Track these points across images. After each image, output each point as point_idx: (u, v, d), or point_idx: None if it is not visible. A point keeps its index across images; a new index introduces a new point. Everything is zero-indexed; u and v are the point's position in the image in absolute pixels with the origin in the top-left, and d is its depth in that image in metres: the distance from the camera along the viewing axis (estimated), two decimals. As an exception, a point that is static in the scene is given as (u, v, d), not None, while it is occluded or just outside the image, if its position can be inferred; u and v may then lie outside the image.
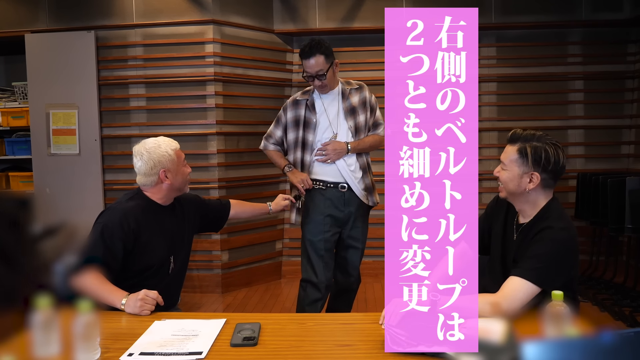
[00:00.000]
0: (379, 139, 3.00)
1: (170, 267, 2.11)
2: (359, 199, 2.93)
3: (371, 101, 2.98)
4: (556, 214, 1.73)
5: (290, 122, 2.93)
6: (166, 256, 2.10)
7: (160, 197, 2.11)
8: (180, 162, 2.14)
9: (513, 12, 4.60)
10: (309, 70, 2.78)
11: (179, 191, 2.16)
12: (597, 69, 4.68)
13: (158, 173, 2.06)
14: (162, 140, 2.14)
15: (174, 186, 2.11)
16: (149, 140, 2.13)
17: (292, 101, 2.96)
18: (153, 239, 2.04)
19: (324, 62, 2.76)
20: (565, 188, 4.65)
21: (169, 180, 2.08)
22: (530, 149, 1.73)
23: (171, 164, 2.09)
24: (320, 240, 2.88)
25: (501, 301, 1.60)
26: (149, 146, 2.09)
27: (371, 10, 4.67)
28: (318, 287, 2.87)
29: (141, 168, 2.07)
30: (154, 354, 1.44)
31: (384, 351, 1.43)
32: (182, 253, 2.19)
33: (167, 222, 2.12)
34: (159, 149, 2.08)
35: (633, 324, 3.39)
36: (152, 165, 2.06)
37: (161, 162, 2.07)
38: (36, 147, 4.38)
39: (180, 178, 2.13)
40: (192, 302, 4.18)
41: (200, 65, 4.31)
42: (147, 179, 2.07)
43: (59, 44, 4.30)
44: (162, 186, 2.09)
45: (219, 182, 4.35)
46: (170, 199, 2.15)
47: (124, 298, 1.80)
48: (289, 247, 4.88)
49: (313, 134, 2.88)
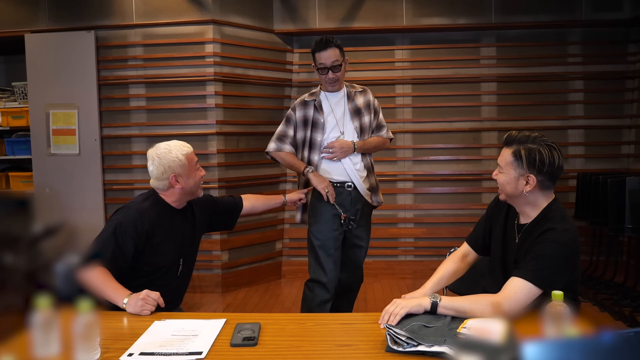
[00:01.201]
0: (383, 141, 3.05)
1: (180, 269, 2.16)
2: (364, 198, 2.95)
3: (374, 104, 3.03)
4: (558, 216, 1.73)
5: (299, 122, 2.95)
6: (176, 259, 2.14)
7: (173, 200, 2.14)
8: (192, 167, 2.13)
9: (513, 12, 4.61)
10: (325, 62, 2.81)
11: (192, 195, 2.18)
12: (597, 68, 4.68)
13: (169, 178, 2.08)
14: (174, 144, 2.13)
15: (186, 190, 2.13)
16: (161, 144, 2.14)
17: (301, 102, 2.98)
18: (165, 241, 2.08)
19: (339, 54, 2.83)
20: (565, 188, 4.65)
21: (180, 185, 2.10)
22: (525, 151, 1.72)
23: (182, 169, 2.09)
24: (330, 239, 2.89)
25: (502, 301, 1.60)
26: (160, 151, 2.10)
27: (371, 11, 4.68)
28: (327, 287, 2.88)
29: (153, 172, 2.10)
30: (154, 354, 1.44)
31: (384, 351, 1.43)
32: (190, 256, 2.25)
33: (179, 225, 2.16)
34: (169, 154, 2.09)
35: (633, 324, 3.39)
36: (162, 170, 2.07)
37: (171, 167, 2.08)
38: (36, 147, 4.38)
39: (192, 182, 2.13)
40: (192, 302, 4.18)
41: (200, 65, 4.31)
42: (159, 183, 2.10)
43: (58, 44, 4.30)
44: (174, 190, 2.11)
45: (219, 182, 4.35)
46: (183, 202, 2.18)
47: (126, 297, 1.82)
48: (289, 247, 4.88)
49: (321, 133, 2.90)
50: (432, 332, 1.49)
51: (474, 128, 4.76)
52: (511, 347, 1.28)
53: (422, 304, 1.62)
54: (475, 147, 4.77)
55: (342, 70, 2.85)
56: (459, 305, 1.61)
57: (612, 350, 0.91)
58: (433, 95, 4.78)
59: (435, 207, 4.81)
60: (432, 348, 1.39)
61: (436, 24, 4.65)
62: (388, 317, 1.59)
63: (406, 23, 4.66)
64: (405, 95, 4.80)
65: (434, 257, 4.66)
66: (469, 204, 4.76)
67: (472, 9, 4.63)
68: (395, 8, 4.67)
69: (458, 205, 4.78)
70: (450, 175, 4.79)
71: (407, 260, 4.83)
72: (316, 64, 2.87)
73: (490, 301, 1.61)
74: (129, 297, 1.82)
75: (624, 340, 0.92)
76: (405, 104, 4.81)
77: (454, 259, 2.00)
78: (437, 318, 1.59)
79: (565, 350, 0.91)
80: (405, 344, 1.42)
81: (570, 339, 1.01)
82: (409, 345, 1.41)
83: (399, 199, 4.83)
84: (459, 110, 4.77)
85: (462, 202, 4.77)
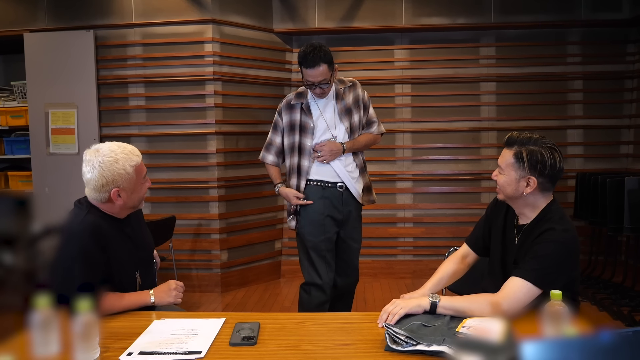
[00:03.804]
0: (373, 137, 2.99)
1: (137, 283, 1.93)
2: (355, 199, 2.93)
3: (364, 99, 2.94)
4: (557, 216, 1.73)
5: (286, 127, 2.90)
6: (132, 271, 1.91)
7: (113, 212, 1.86)
8: (139, 180, 1.85)
9: (512, 12, 4.61)
10: (312, 80, 2.71)
11: (133, 209, 1.90)
12: (596, 68, 4.68)
13: (110, 191, 1.78)
14: (121, 151, 1.80)
15: (127, 205, 1.85)
16: (104, 147, 1.80)
17: (287, 104, 2.90)
18: (119, 254, 1.83)
19: (327, 70, 2.69)
20: (564, 188, 4.66)
21: (121, 201, 1.81)
22: (527, 153, 1.72)
23: (127, 183, 1.80)
24: (321, 241, 2.86)
25: (501, 301, 1.60)
26: (103, 159, 1.77)
27: (370, 10, 4.68)
28: (323, 289, 2.86)
29: (90, 181, 1.79)
30: (153, 354, 1.44)
31: (383, 350, 1.43)
32: (147, 262, 2.03)
33: (129, 233, 1.91)
34: (115, 165, 1.77)
35: (631, 324, 3.39)
36: (103, 183, 1.77)
37: (116, 180, 1.78)
38: (35, 146, 4.38)
39: (136, 197, 1.86)
40: (191, 301, 4.18)
41: (200, 64, 4.31)
42: (96, 195, 1.80)
43: (58, 43, 4.29)
44: (112, 205, 1.83)
45: (218, 181, 4.35)
46: (124, 215, 1.90)
47: (151, 295, 1.85)
48: (288, 247, 4.88)
49: (310, 138, 2.83)
50: (431, 331, 1.49)
51: (473, 128, 4.76)
52: (510, 346, 1.28)
53: (422, 304, 1.62)
54: (475, 146, 4.77)
55: (330, 82, 2.75)
56: (458, 305, 1.62)
57: (611, 349, 0.91)
58: (432, 95, 4.78)
59: (434, 207, 4.81)
60: (431, 347, 1.39)
61: (435, 24, 4.65)
62: (387, 316, 1.59)
63: (405, 23, 4.66)
64: (404, 95, 4.80)
65: (433, 256, 4.66)
66: (468, 204, 4.76)
67: (472, 8, 4.63)
68: (395, 8, 4.67)
69: (457, 205, 4.78)
70: (449, 175, 4.79)
71: (406, 259, 4.83)
72: (303, 77, 2.75)
73: (489, 301, 1.61)
74: (153, 295, 1.85)
75: (622, 340, 0.92)
76: (404, 103, 4.81)
77: (453, 259, 1.99)
78: (436, 317, 1.59)
79: (564, 350, 0.91)
80: (405, 343, 1.42)
81: (569, 339, 1.01)
82: (408, 345, 1.41)
83: (398, 198, 4.83)
84: (458, 110, 4.77)
85: (461, 202, 4.78)
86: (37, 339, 1.37)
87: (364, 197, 2.97)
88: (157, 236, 3.82)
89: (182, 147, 4.38)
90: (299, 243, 2.94)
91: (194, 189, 4.40)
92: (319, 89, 2.75)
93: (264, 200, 4.73)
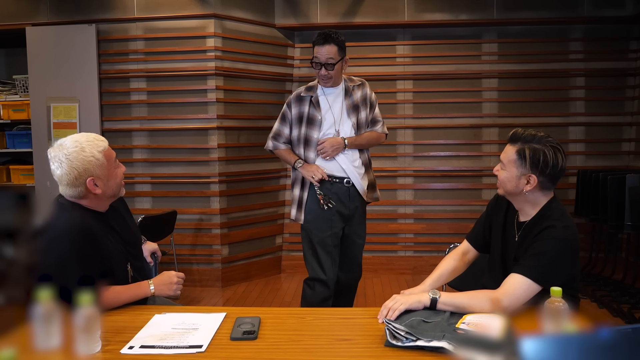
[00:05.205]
0: (377, 135, 3.00)
1: (130, 275, 1.90)
2: (360, 195, 2.94)
3: (371, 98, 2.98)
4: (558, 213, 1.73)
5: (294, 119, 2.90)
6: (123, 263, 1.88)
7: (94, 206, 1.81)
8: (111, 165, 1.80)
9: (514, 8, 4.59)
10: (319, 57, 2.75)
11: (114, 197, 1.86)
12: (599, 65, 4.67)
13: (85, 183, 1.73)
14: (85, 140, 1.75)
15: (107, 194, 1.80)
16: (66, 141, 1.74)
17: (296, 97, 2.92)
18: (109, 248, 1.80)
19: (336, 52, 2.75)
20: (565, 185, 4.65)
21: (99, 189, 1.76)
22: (529, 151, 1.71)
23: (100, 170, 1.74)
24: (328, 236, 2.86)
25: (501, 297, 1.60)
26: (68, 150, 1.71)
27: (373, 6, 4.67)
28: (327, 285, 2.86)
29: (63, 177, 1.73)
30: (154, 347, 1.45)
31: (383, 346, 1.44)
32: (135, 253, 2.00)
33: (114, 226, 1.88)
34: (82, 154, 1.72)
35: (631, 321, 3.40)
36: (76, 175, 1.71)
37: (87, 169, 1.72)
38: (37, 140, 4.38)
39: (114, 183, 1.81)
40: (192, 295, 4.19)
41: (202, 59, 4.31)
42: (72, 191, 1.74)
43: (60, 37, 4.29)
44: (92, 197, 1.77)
45: (220, 176, 4.35)
46: (106, 206, 1.86)
47: (150, 285, 1.83)
48: (289, 242, 4.89)
49: (317, 131, 2.85)
50: (431, 327, 1.50)
51: (474, 124, 4.76)
52: (510, 342, 1.28)
53: (422, 300, 1.62)
54: (476, 143, 4.76)
55: (335, 69, 2.76)
56: (458, 301, 1.62)
57: (610, 346, 0.91)
58: (434, 91, 4.77)
59: (435, 203, 4.81)
60: (431, 343, 1.39)
61: (438, 20, 4.64)
62: (387, 312, 1.60)
63: (408, 18, 4.65)
64: (406, 90, 4.80)
65: (434, 252, 4.67)
66: (469, 200, 4.76)
67: (474, 4, 4.61)
68: (397, 3, 4.65)
69: (458, 202, 4.78)
70: (450, 171, 4.79)
71: (406, 255, 4.84)
72: (312, 56, 2.81)
73: (489, 297, 1.61)
74: (152, 285, 1.83)
75: (622, 337, 0.92)
76: (406, 99, 4.81)
77: (453, 256, 1.99)
78: (436, 313, 1.59)
79: (563, 346, 0.92)
80: (404, 338, 1.42)
81: (569, 335, 1.01)
82: (407, 340, 1.42)
83: (399, 194, 4.84)
84: (459, 106, 4.76)
85: (462, 198, 4.78)
86: (39, 332, 1.38)
87: (368, 194, 2.99)
88: (158, 231, 3.84)
89: (184, 142, 4.38)
90: (305, 238, 2.94)
91: (195, 184, 4.40)
92: (324, 70, 2.76)
93: (265, 196, 4.73)
